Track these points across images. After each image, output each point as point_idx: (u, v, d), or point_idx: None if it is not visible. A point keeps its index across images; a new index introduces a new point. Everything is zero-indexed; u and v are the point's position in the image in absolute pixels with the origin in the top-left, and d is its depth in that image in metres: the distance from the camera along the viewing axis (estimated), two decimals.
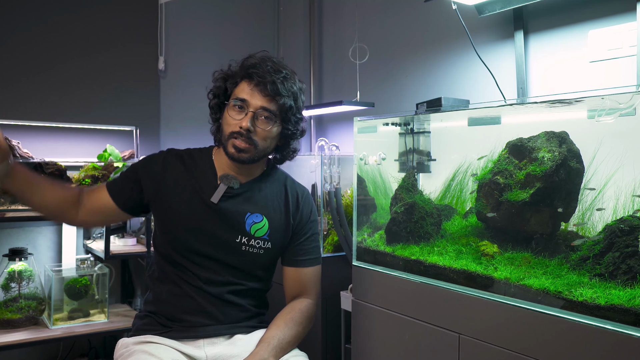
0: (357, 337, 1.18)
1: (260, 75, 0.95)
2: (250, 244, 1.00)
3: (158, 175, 1.01)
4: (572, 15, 1.23)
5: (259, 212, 1.01)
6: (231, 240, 1.00)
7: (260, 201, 1.03)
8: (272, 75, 0.96)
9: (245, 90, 0.97)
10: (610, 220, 0.89)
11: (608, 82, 1.16)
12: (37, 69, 1.75)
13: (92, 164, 1.68)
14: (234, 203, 1.00)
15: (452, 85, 1.54)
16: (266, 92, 0.96)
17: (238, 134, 0.96)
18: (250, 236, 1.00)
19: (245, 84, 0.97)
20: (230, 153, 0.98)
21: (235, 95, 0.98)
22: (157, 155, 1.06)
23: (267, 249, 1.02)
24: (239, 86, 0.98)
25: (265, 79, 0.95)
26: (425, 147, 1.30)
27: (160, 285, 1.02)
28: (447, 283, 0.99)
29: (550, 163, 0.96)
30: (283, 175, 1.10)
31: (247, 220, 1.00)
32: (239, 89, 0.98)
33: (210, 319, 0.99)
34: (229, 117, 0.97)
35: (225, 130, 0.98)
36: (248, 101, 0.96)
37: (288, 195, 1.06)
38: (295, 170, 1.89)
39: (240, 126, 0.96)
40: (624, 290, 0.78)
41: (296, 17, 2.22)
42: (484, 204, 1.05)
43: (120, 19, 1.91)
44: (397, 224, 1.17)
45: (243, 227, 1.00)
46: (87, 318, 1.56)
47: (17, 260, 1.52)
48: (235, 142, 0.97)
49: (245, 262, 1.01)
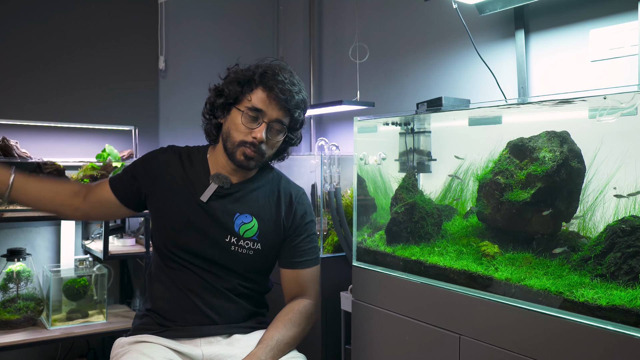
0: (357, 338, 1.17)
1: (280, 88, 0.95)
2: (239, 244, 1.00)
3: (155, 171, 1.03)
4: (573, 15, 1.23)
5: (248, 213, 1.01)
6: (221, 240, 1.00)
7: (251, 202, 1.02)
8: (290, 87, 0.96)
9: (262, 100, 0.96)
10: (611, 220, 0.89)
11: (609, 82, 1.15)
12: (35, 68, 1.75)
13: (90, 163, 1.67)
14: (224, 203, 1.00)
15: (452, 84, 1.54)
16: (283, 104, 0.96)
17: (251, 144, 0.96)
18: (239, 237, 1.00)
19: (263, 93, 0.96)
20: (240, 161, 0.98)
21: (252, 103, 0.96)
22: (157, 151, 1.07)
23: (257, 250, 1.01)
24: (255, 93, 0.96)
25: (285, 93, 0.95)
26: (425, 147, 1.29)
27: (157, 284, 1.02)
28: (447, 284, 0.98)
29: (552, 163, 0.96)
30: (278, 175, 1.09)
31: (235, 220, 1.00)
32: (255, 97, 0.96)
33: (206, 318, 0.99)
34: (241, 125, 0.96)
35: (235, 137, 0.97)
36: (264, 112, 0.96)
37: (281, 196, 1.05)
38: (295, 170, 1.88)
39: (254, 137, 0.96)
40: (625, 290, 0.77)
41: (296, 16, 2.22)
42: (484, 204, 1.05)
43: (119, 18, 1.90)
44: (398, 224, 1.17)
45: (232, 227, 1.00)
46: (86, 319, 1.56)
47: (15, 261, 1.52)
48: (246, 150, 0.97)
49: (236, 262, 1.01)
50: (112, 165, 1.67)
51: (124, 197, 1.03)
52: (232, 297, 1.01)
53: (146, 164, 1.04)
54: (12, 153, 1.57)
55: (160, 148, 1.08)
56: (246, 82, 0.97)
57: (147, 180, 1.03)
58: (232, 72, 1.00)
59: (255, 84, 0.97)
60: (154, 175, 1.03)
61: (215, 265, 1.00)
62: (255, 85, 0.97)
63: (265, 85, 0.96)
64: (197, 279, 0.99)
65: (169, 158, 1.04)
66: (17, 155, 1.58)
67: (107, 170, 1.66)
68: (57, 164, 1.60)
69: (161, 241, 1.02)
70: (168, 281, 1.00)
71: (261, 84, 0.96)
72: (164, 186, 1.02)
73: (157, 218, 1.03)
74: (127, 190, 1.03)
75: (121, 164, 1.71)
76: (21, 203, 1.05)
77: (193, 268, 0.99)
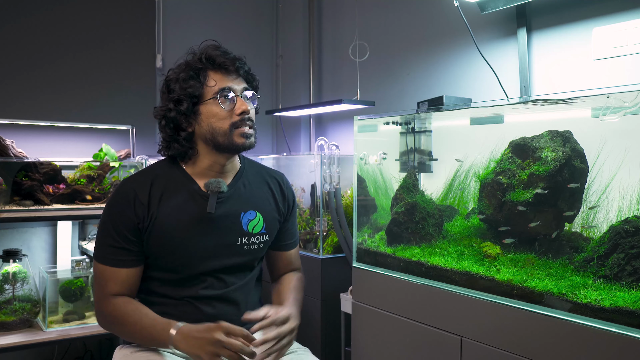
0: (357, 339, 1.17)
1: (230, 60, 0.95)
2: (251, 242, 0.99)
3: (139, 217, 0.92)
4: (576, 12, 1.22)
5: (251, 209, 1.00)
6: (233, 245, 0.98)
7: (250, 197, 1.01)
8: (233, 56, 0.96)
9: (223, 78, 0.94)
10: (615, 221, 0.88)
11: (613, 81, 1.15)
12: (31, 67, 1.73)
13: (87, 163, 1.65)
14: (227, 207, 0.98)
15: (454, 83, 1.53)
16: (241, 72, 0.96)
17: (241, 121, 0.94)
18: (250, 234, 0.99)
19: (218, 73, 0.94)
20: (241, 143, 0.94)
21: (219, 86, 0.93)
22: (121, 199, 0.93)
23: (266, 241, 1.02)
24: (213, 77, 0.94)
25: (235, 61, 0.95)
26: (426, 147, 1.28)
27: (157, 306, 0.95)
28: (448, 285, 0.97)
29: (554, 163, 0.95)
30: (257, 165, 1.09)
31: (242, 220, 0.99)
32: (216, 80, 0.94)
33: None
34: (222, 112, 0.93)
35: (223, 126, 0.94)
36: (232, 87, 0.94)
37: (270, 184, 1.06)
38: (295, 170, 1.87)
39: (243, 112, 0.93)
40: (629, 292, 0.77)
41: (295, 13, 2.20)
42: (486, 204, 1.04)
43: (116, 16, 1.88)
44: (398, 224, 1.15)
45: (240, 228, 0.98)
46: (83, 320, 1.54)
47: (11, 262, 1.50)
48: (243, 130, 0.94)
49: (247, 260, 1.00)
50: (109, 165, 1.66)
51: (136, 261, 0.93)
52: (238, 295, 0.99)
53: (124, 218, 0.91)
54: (8, 153, 1.56)
55: (119, 188, 0.95)
56: (199, 73, 0.94)
57: (136, 231, 0.91)
58: (174, 73, 0.95)
59: (209, 69, 0.95)
60: (139, 221, 0.91)
61: (225, 274, 0.98)
62: (209, 70, 0.95)
63: (218, 65, 0.95)
64: (205, 293, 0.96)
65: (141, 196, 0.92)
66: (13, 155, 1.56)
67: (104, 170, 1.64)
68: (53, 164, 1.58)
69: (169, 272, 0.94)
70: (173, 299, 0.95)
71: (214, 66, 0.95)
72: (157, 221, 0.92)
73: (162, 255, 0.93)
74: (132, 253, 0.92)
75: (119, 163, 1.70)
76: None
77: (203, 285, 0.96)
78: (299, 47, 2.16)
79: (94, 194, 1.59)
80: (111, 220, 0.92)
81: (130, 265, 0.92)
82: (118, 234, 0.91)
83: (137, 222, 0.92)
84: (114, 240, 0.91)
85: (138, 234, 0.92)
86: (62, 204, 1.54)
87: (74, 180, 1.61)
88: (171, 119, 0.94)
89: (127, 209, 0.92)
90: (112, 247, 0.91)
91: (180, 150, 0.96)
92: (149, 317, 0.89)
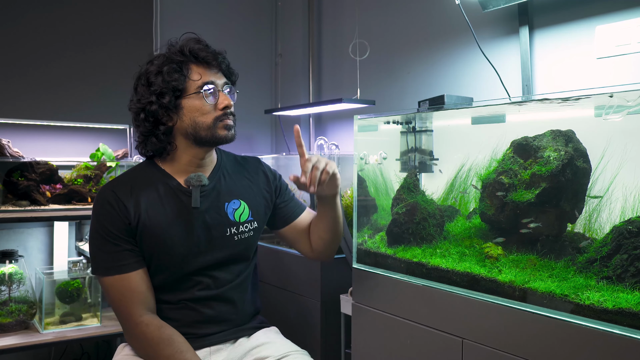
0: (357, 341, 1.16)
1: (212, 55, 0.95)
2: (240, 231, 1.00)
3: (128, 217, 0.91)
4: (578, 11, 1.21)
5: (234, 199, 1.01)
6: (222, 237, 0.98)
7: (231, 187, 1.02)
8: (213, 50, 0.97)
9: (205, 72, 0.95)
10: (618, 222, 0.87)
11: (616, 79, 1.14)
12: (27, 66, 1.72)
13: (84, 163, 1.64)
14: (210, 199, 0.98)
15: (455, 82, 1.52)
16: (223, 67, 0.97)
17: (224, 115, 0.95)
18: (238, 223, 0.99)
19: (201, 67, 0.95)
20: (224, 135, 0.95)
21: (202, 80, 0.93)
22: (105, 203, 0.92)
23: (255, 228, 1.03)
24: (196, 71, 0.94)
25: (217, 56, 0.96)
26: (427, 146, 1.27)
27: (158, 314, 0.94)
28: (450, 286, 0.97)
29: (557, 162, 0.94)
30: (232, 155, 1.10)
31: (227, 210, 0.99)
32: (199, 73, 0.94)
33: (216, 326, 0.97)
34: (205, 105, 0.93)
35: (206, 120, 0.93)
36: (214, 81, 0.95)
37: (248, 170, 1.07)
38: (294, 170, 1.86)
39: (225, 106, 0.94)
40: (632, 293, 0.76)
41: (295, 11, 2.19)
42: (488, 204, 1.03)
43: (113, 14, 1.88)
44: (399, 225, 1.15)
45: (227, 218, 0.99)
46: (79, 322, 1.53)
47: (7, 263, 1.49)
48: (226, 122, 0.95)
49: (240, 250, 1.00)
50: (106, 165, 1.64)
51: (138, 262, 0.91)
52: (236, 292, 0.99)
53: (114, 224, 0.90)
54: (4, 152, 1.54)
55: (100, 195, 0.94)
56: (182, 66, 0.94)
57: (127, 233, 0.90)
58: (154, 66, 0.93)
59: (192, 63, 0.95)
60: (128, 223, 0.91)
61: (219, 270, 0.98)
62: (191, 64, 0.95)
63: (201, 59, 0.95)
64: (201, 293, 0.96)
65: (123, 201, 0.91)
66: (9, 155, 1.55)
67: (101, 170, 1.63)
68: (50, 164, 1.57)
69: (162, 274, 0.94)
70: (172, 304, 0.95)
71: (197, 60, 0.95)
72: (145, 223, 0.91)
73: (156, 254, 0.93)
74: (131, 254, 0.91)
75: (116, 163, 1.68)
76: None
77: (198, 285, 0.96)
78: (299, 46, 2.15)
79: (91, 194, 1.58)
80: (101, 227, 0.91)
81: (134, 267, 0.91)
82: (112, 237, 0.90)
83: (127, 222, 0.91)
84: (111, 246, 0.90)
85: (131, 233, 0.91)
86: (58, 204, 1.53)
87: (71, 180, 1.59)
88: (151, 112, 0.92)
89: (113, 211, 0.91)
90: (111, 254, 0.90)
91: (158, 146, 0.94)
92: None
